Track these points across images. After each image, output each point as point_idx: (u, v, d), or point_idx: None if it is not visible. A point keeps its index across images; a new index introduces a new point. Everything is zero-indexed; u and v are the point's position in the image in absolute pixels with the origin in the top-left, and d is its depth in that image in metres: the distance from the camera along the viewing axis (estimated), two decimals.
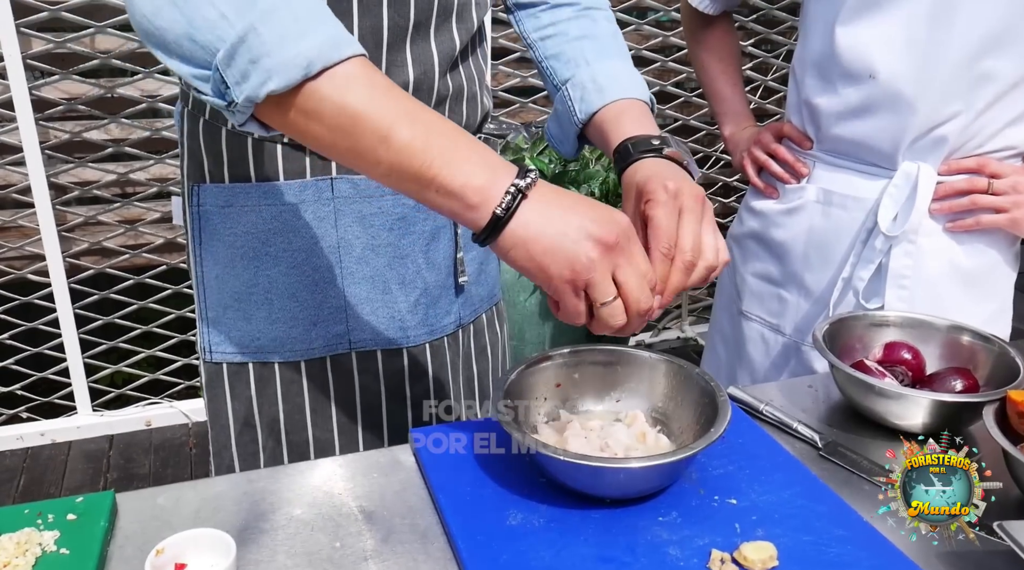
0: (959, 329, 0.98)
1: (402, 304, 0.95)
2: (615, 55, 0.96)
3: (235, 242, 0.91)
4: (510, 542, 0.70)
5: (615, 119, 0.89)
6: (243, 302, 0.93)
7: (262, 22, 0.62)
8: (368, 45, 0.84)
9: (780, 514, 0.74)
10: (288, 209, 0.90)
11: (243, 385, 0.95)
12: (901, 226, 1.13)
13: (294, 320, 0.93)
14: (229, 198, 0.90)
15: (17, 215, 2.42)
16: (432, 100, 0.90)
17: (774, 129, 1.29)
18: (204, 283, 0.95)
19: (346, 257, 0.92)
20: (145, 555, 0.66)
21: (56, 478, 2.45)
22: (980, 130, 1.10)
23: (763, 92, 2.94)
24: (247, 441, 0.97)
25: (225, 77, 0.63)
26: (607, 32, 0.98)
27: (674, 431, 0.84)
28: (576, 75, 0.94)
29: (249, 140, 0.89)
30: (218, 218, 0.91)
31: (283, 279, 0.92)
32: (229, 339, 0.94)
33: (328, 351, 0.94)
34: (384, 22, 0.84)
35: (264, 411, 0.96)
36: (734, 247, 1.36)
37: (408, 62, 0.86)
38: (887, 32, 1.08)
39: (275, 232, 0.90)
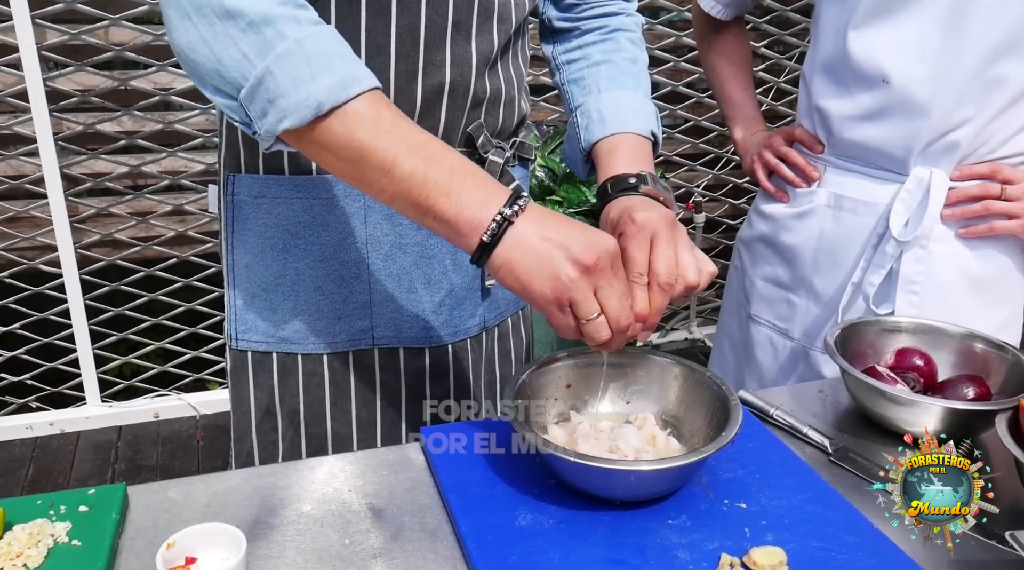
0: (972, 336, 0.98)
1: (427, 304, 0.96)
2: (627, 83, 0.99)
3: (265, 233, 0.92)
4: (519, 542, 0.70)
5: (607, 155, 0.94)
6: (270, 292, 0.94)
7: (277, 65, 0.68)
8: (405, 44, 0.84)
9: (790, 519, 0.74)
10: (319, 203, 0.90)
11: (266, 374, 0.96)
12: (912, 231, 1.12)
13: (319, 313, 0.94)
14: (263, 189, 0.91)
15: (30, 206, 2.43)
16: (468, 102, 0.90)
17: (785, 133, 1.28)
18: (234, 271, 0.96)
19: (373, 254, 0.92)
20: (156, 548, 0.67)
21: (64, 468, 2.46)
22: (993, 135, 1.09)
23: (775, 94, 2.93)
24: (268, 430, 0.98)
25: (248, 111, 0.70)
26: (626, 57, 1.01)
27: (684, 434, 0.84)
28: (586, 102, 0.99)
29: None
30: (251, 208, 0.92)
31: (310, 272, 0.92)
32: (255, 328, 0.95)
33: (351, 346, 0.95)
34: (422, 20, 0.84)
35: (285, 401, 0.97)
36: (743, 250, 1.36)
37: (447, 62, 0.87)
38: (901, 37, 1.07)
39: (305, 225, 0.91)
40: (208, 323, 2.68)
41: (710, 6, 1.33)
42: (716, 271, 0.83)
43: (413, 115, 0.88)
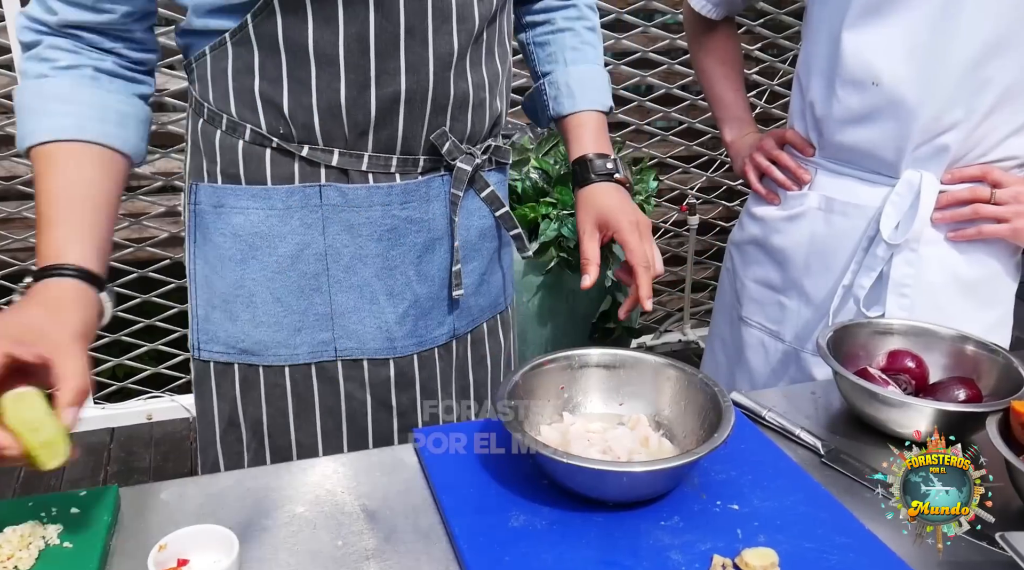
0: (963, 339, 0.98)
1: (390, 315, 0.95)
2: (590, 55, 1.09)
3: (224, 243, 0.92)
4: (512, 544, 0.70)
5: (577, 130, 1.06)
6: (229, 303, 0.93)
7: (18, 95, 0.84)
8: (354, 53, 0.83)
9: (782, 520, 0.74)
10: (275, 214, 0.90)
11: (228, 385, 0.96)
12: (903, 234, 1.13)
13: (278, 325, 0.93)
14: (221, 198, 0.91)
15: (22, 207, 2.42)
16: (427, 109, 0.88)
17: (776, 135, 1.29)
18: (195, 281, 0.96)
19: (333, 265, 0.92)
20: (148, 550, 0.67)
21: (56, 470, 2.45)
22: (982, 139, 1.10)
23: (769, 96, 2.94)
24: (232, 440, 0.98)
25: None
26: (587, 25, 1.09)
27: (677, 436, 0.84)
28: (554, 73, 1.08)
29: (240, 143, 0.89)
30: (211, 217, 0.92)
31: (268, 283, 0.92)
32: (216, 338, 0.95)
33: (313, 358, 0.94)
34: (371, 28, 0.83)
35: (248, 412, 0.96)
36: (735, 253, 1.37)
37: (401, 69, 0.85)
38: (890, 39, 1.08)
39: (262, 236, 0.90)
40: None
41: (701, 5, 1.33)
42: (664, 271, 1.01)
43: (368, 126, 0.87)
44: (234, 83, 0.88)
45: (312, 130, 0.87)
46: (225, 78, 0.88)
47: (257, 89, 0.87)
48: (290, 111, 0.87)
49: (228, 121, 0.90)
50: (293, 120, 0.87)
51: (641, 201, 2.30)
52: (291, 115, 0.87)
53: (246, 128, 0.89)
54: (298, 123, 0.87)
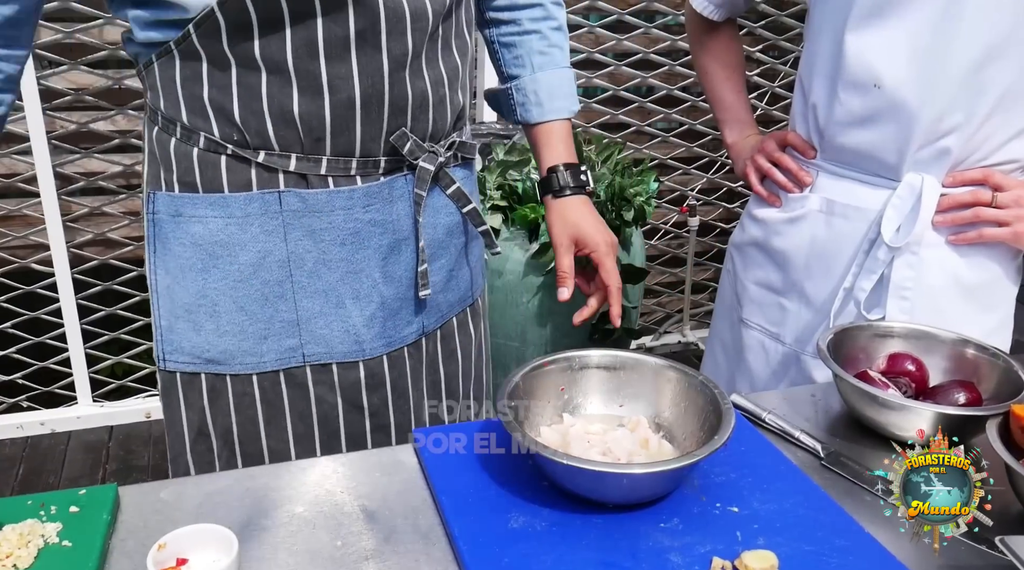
0: (964, 342, 0.98)
1: (357, 318, 0.94)
2: (558, 58, 1.08)
3: (183, 253, 0.90)
4: (512, 545, 0.70)
5: (547, 139, 1.07)
6: (192, 313, 0.92)
7: None
8: (303, 59, 0.82)
9: (781, 523, 0.74)
10: (235, 222, 0.88)
11: (196, 395, 0.95)
12: (904, 237, 1.13)
13: (243, 333, 0.92)
14: (179, 207, 0.90)
15: (23, 204, 2.42)
16: (385, 112, 0.87)
17: (778, 137, 1.29)
18: (157, 291, 0.94)
19: (297, 271, 0.91)
20: (147, 549, 0.67)
21: (55, 468, 2.45)
22: (984, 142, 1.10)
23: (770, 99, 2.94)
24: (202, 450, 0.97)
25: None
26: (553, 26, 1.08)
27: (677, 438, 0.84)
28: (522, 79, 1.07)
29: (195, 150, 0.88)
30: (169, 227, 0.90)
31: (230, 292, 0.90)
32: (180, 349, 0.93)
33: (280, 365, 0.93)
34: (319, 34, 0.81)
35: (218, 421, 0.95)
36: (735, 255, 1.36)
37: (354, 74, 0.84)
38: (892, 41, 1.08)
39: (222, 244, 0.89)
40: None
41: (702, 6, 1.33)
42: None
43: (324, 132, 0.86)
44: (183, 91, 0.86)
45: (266, 136, 0.86)
46: (174, 86, 0.87)
47: (207, 96, 0.85)
48: (242, 118, 0.85)
49: (181, 129, 0.88)
50: (246, 127, 0.86)
51: (642, 202, 2.30)
52: (243, 122, 0.86)
53: (200, 135, 0.88)
54: (251, 130, 0.86)
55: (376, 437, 0.99)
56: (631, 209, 2.27)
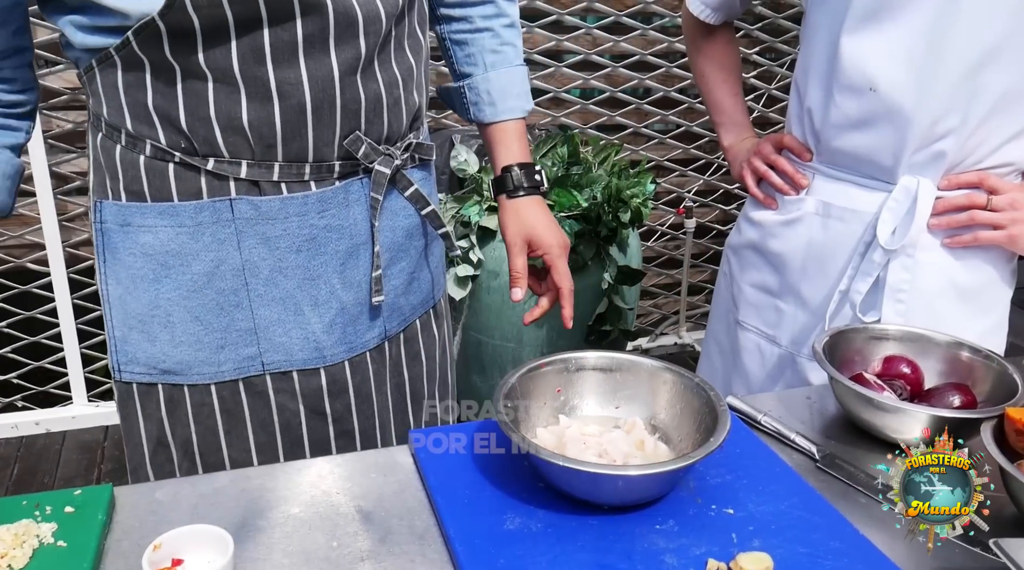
0: (958, 345, 0.99)
1: (316, 325, 0.92)
2: (510, 56, 1.06)
3: (134, 263, 0.88)
4: (507, 546, 0.70)
5: (501, 138, 1.06)
6: (146, 324, 0.90)
7: None
8: (250, 65, 0.80)
9: (777, 525, 0.74)
10: (186, 231, 0.87)
11: (153, 406, 0.93)
12: (900, 240, 1.13)
13: (199, 343, 0.90)
14: (127, 217, 0.88)
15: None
16: (337, 117, 0.85)
17: (774, 140, 1.29)
18: (109, 301, 0.92)
19: (252, 279, 0.89)
20: (142, 549, 0.67)
21: (50, 468, 2.44)
22: (979, 145, 1.10)
23: (767, 101, 2.94)
24: (162, 460, 0.95)
25: None
26: (505, 23, 1.06)
27: (673, 439, 0.84)
28: (474, 78, 1.05)
29: (141, 158, 0.86)
30: (118, 237, 0.89)
31: (184, 302, 0.89)
32: (136, 360, 0.92)
33: (239, 374, 0.92)
34: (266, 39, 0.79)
35: (177, 432, 0.94)
36: (732, 257, 1.37)
37: (303, 80, 0.82)
38: (887, 45, 1.08)
39: (173, 254, 0.87)
40: None
41: (699, 10, 1.34)
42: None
43: (275, 139, 0.84)
44: (127, 98, 0.84)
45: (215, 144, 0.84)
46: (117, 93, 0.84)
47: (151, 103, 0.83)
48: (188, 126, 0.83)
49: (127, 136, 0.86)
50: (193, 134, 0.84)
51: (638, 204, 2.31)
52: (190, 130, 0.83)
53: (146, 143, 0.85)
54: (199, 137, 0.84)
55: (340, 443, 0.98)
56: (628, 211, 2.28)
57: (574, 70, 2.70)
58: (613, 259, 2.30)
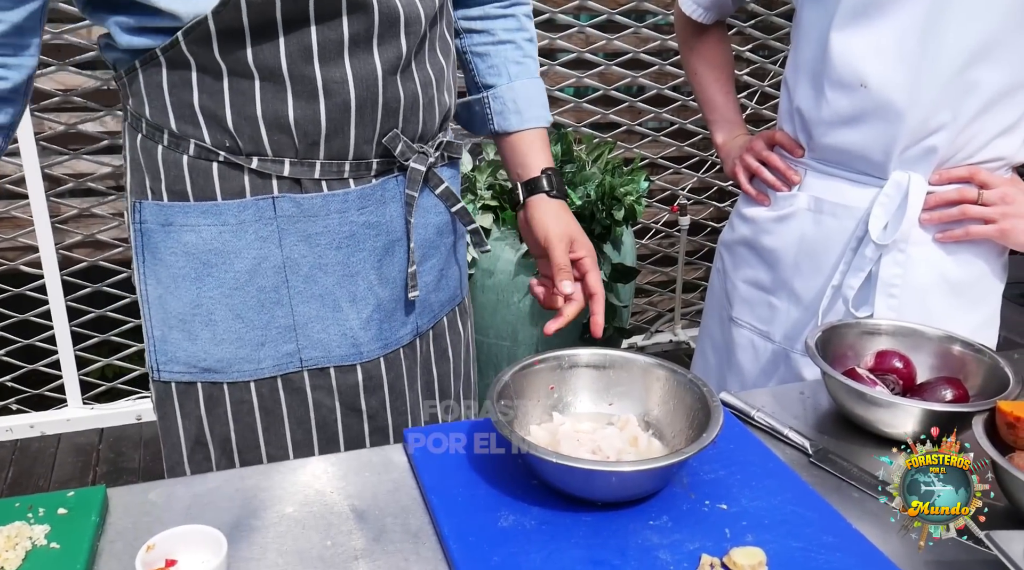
0: (950, 339, 0.99)
1: (354, 321, 0.94)
2: (531, 68, 1.08)
3: (176, 262, 0.89)
4: (501, 544, 0.70)
5: (529, 146, 1.06)
6: (187, 323, 0.91)
7: None
8: (298, 64, 0.82)
9: (770, 520, 0.75)
10: (229, 229, 0.88)
11: (192, 404, 0.94)
12: (891, 235, 1.14)
13: (240, 341, 0.91)
14: (169, 216, 0.88)
15: (11, 206, 2.41)
16: (379, 115, 0.87)
17: (766, 137, 1.29)
18: (149, 302, 0.93)
19: (293, 277, 0.90)
20: (136, 551, 0.66)
21: (45, 471, 2.44)
22: (970, 140, 1.11)
23: (760, 98, 2.95)
24: (200, 459, 0.96)
25: None
26: (526, 37, 1.09)
27: (666, 436, 0.85)
28: (498, 87, 1.06)
29: (184, 158, 0.87)
30: (159, 236, 0.89)
31: (226, 300, 0.90)
32: (176, 359, 0.92)
33: (278, 371, 0.93)
34: (313, 38, 0.81)
35: (215, 430, 0.94)
36: (725, 253, 1.37)
37: (348, 78, 0.84)
38: (878, 42, 1.08)
39: (216, 252, 0.88)
40: None
41: (691, 9, 1.34)
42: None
43: (319, 136, 0.86)
44: (171, 97, 0.85)
45: (260, 142, 0.85)
46: (161, 93, 0.85)
47: (197, 103, 0.84)
48: (234, 125, 0.84)
49: (170, 136, 0.87)
50: (239, 133, 0.85)
51: (632, 201, 2.31)
52: (236, 129, 0.84)
53: (189, 143, 0.86)
54: (244, 136, 0.85)
55: (375, 439, 0.99)
56: (622, 208, 2.28)
57: (567, 68, 2.70)
58: (607, 257, 2.30)
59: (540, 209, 1.04)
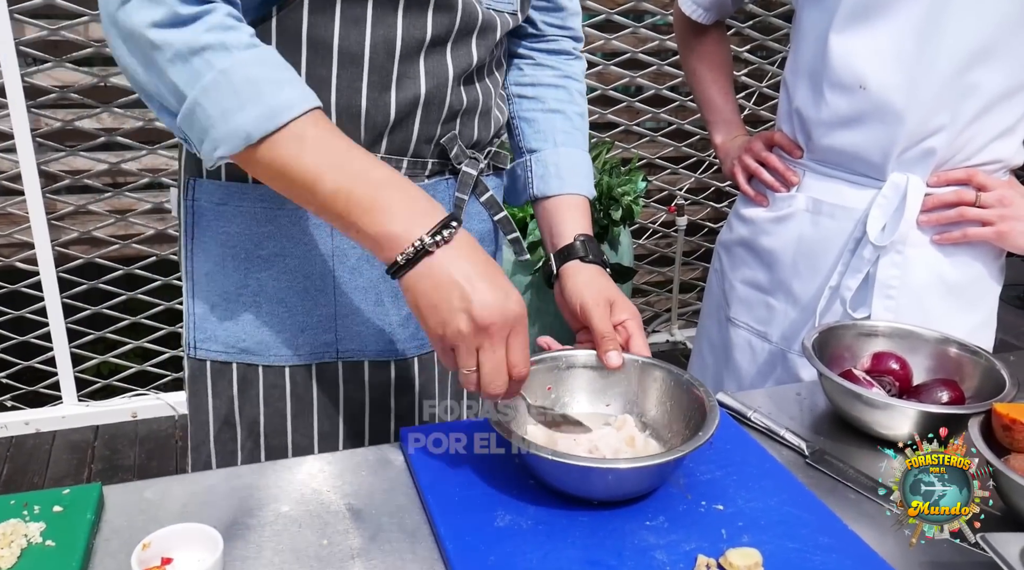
0: (947, 341, 0.99)
1: (394, 317, 0.94)
2: (579, 141, 1.06)
3: (228, 241, 0.90)
4: (498, 543, 0.70)
5: (569, 210, 1.01)
6: (231, 302, 0.92)
7: (204, 97, 0.69)
8: (380, 55, 0.83)
9: (766, 521, 0.75)
10: (284, 214, 0.89)
11: (225, 384, 0.94)
12: (889, 236, 1.14)
13: (282, 325, 0.92)
14: (225, 196, 0.89)
15: (7, 202, 2.40)
16: (443, 114, 0.89)
17: (765, 137, 1.29)
18: (194, 278, 0.94)
19: (339, 266, 0.91)
20: (131, 549, 0.66)
21: (40, 468, 2.43)
22: (968, 142, 1.11)
23: (758, 99, 2.95)
24: (226, 439, 0.97)
25: (187, 137, 0.72)
26: (578, 111, 1.07)
27: (663, 436, 0.85)
28: (543, 151, 1.03)
29: None
30: (212, 215, 0.90)
31: (273, 283, 0.91)
32: (214, 337, 0.93)
33: (314, 359, 0.93)
34: (398, 33, 0.83)
35: (245, 412, 0.95)
36: (723, 254, 1.37)
37: (421, 74, 0.86)
38: (877, 44, 1.08)
39: (269, 235, 0.89)
40: None
41: (691, 10, 1.34)
42: None
43: (386, 126, 0.87)
44: None
45: None
46: None
47: None
48: None
49: None
50: None
51: (630, 202, 2.31)
52: None
53: None
54: None
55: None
56: (619, 208, 2.28)
57: None
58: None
59: (573, 277, 0.96)
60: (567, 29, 1.06)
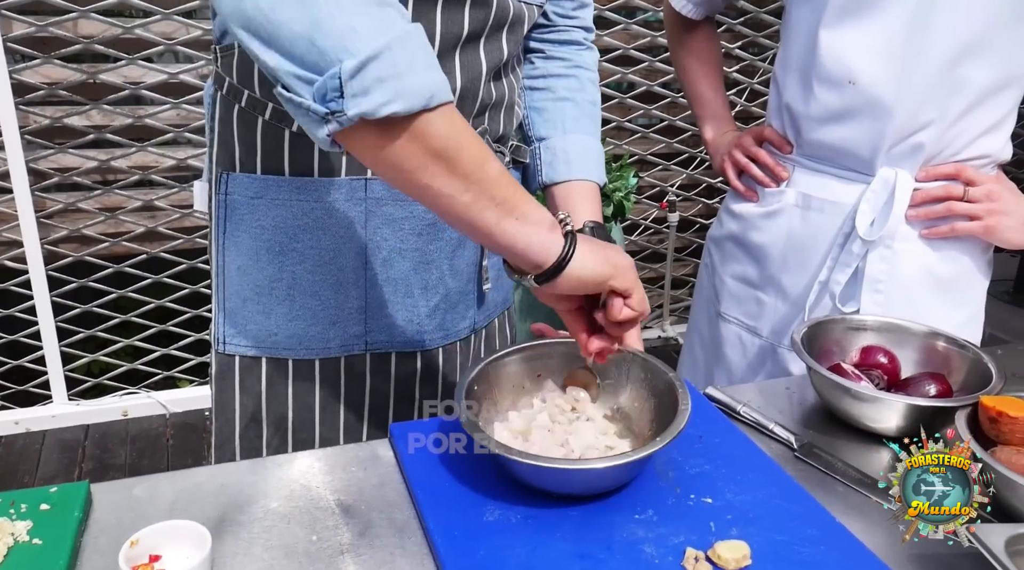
0: (935, 334, 1.00)
1: (422, 308, 0.95)
2: (589, 127, 1.06)
3: (261, 235, 0.90)
4: (487, 538, 0.70)
5: (577, 196, 1.02)
6: (264, 296, 0.92)
7: (399, 45, 0.62)
8: None
9: (755, 514, 0.75)
10: (320, 206, 0.89)
11: (254, 380, 0.95)
12: (878, 231, 1.14)
13: (314, 318, 0.92)
14: (260, 190, 0.89)
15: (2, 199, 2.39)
16: (475, 108, 0.90)
17: (755, 133, 1.29)
18: (225, 273, 0.94)
19: (372, 259, 0.92)
20: (119, 546, 0.66)
21: (30, 467, 2.42)
22: (956, 137, 1.11)
23: (749, 95, 2.95)
24: (252, 436, 0.97)
25: (344, 88, 0.62)
26: (589, 99, 1.07)
27: (636, 426, 0.84)
28: (552, 138, 1.04)
29: (287, 132, 0.88)
30: (246, 209, 0.90)
31: (307, 276, 0.91)
32: (245, 332, 0.93)
33: (344, 351, 0.94)
34: (437, 28, 0.83)
35: (272, 407, 0.95)
36: (713, 249, 1.37)
37: (456, 69, 0.86)
38: (867, 39, 1.09)
39: (304, 228, 0.89)
40: (178, 320, 2.65)
41: (681, 5, 1.34)
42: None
43: None
44: None
45: None
46: None
47: None
48: None
49: (273, 110, 0.87)
50: None
51: (621, 198, 2.31)
52: None
53: (293, 120, 0.87)
54: None
55: None
56: (611, 205, 2.28)
57: None
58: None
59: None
60: (578, 19, 1.06)
